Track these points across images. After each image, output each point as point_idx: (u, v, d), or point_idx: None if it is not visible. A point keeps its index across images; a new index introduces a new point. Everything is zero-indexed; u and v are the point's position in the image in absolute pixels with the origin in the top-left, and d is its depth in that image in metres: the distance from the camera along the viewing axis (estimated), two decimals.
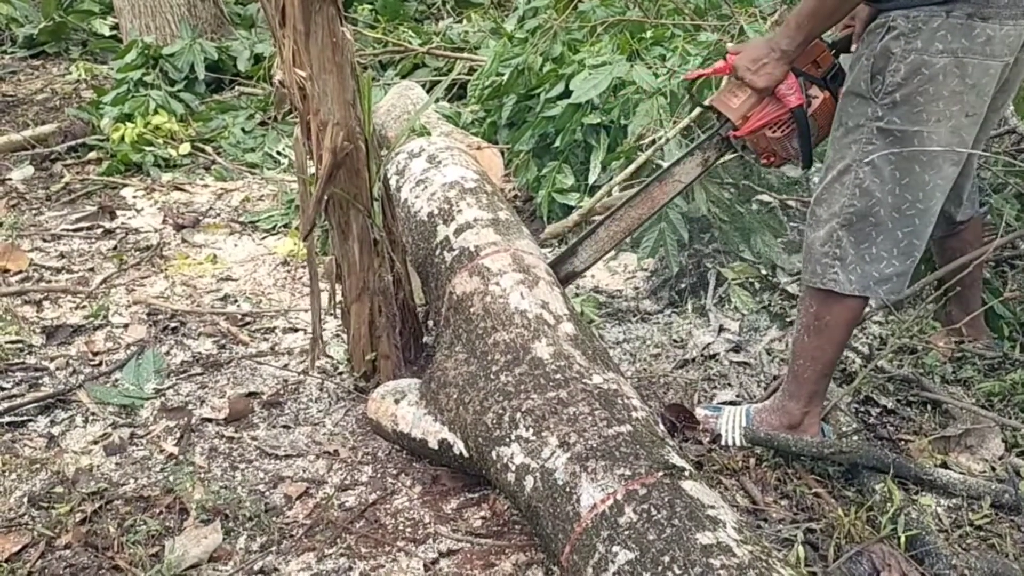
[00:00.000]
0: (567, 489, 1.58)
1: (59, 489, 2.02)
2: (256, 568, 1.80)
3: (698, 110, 2.57)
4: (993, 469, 2.07)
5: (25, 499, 1.99)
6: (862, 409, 2.28)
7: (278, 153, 4.28)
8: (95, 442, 2.21)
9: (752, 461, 2.06)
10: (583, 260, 2.41)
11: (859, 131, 1.84)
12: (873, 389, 2.32)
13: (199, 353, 2.63)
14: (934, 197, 1.83)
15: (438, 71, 4.77)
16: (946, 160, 1.80)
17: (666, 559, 1.38)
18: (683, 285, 2.88)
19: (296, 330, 2.76)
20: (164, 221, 3.58)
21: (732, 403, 2.30)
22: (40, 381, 2.48)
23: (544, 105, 3.39)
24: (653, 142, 2.99)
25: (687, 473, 1.59)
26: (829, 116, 2.06)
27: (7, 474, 2.07)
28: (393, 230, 2.25)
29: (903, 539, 1.78)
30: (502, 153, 3.57)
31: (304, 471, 2.10)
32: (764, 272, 2.83)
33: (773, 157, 2.12)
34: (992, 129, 2.26)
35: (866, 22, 2.02)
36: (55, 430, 2.26)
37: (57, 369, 2.53)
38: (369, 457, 2.15)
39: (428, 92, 4.00)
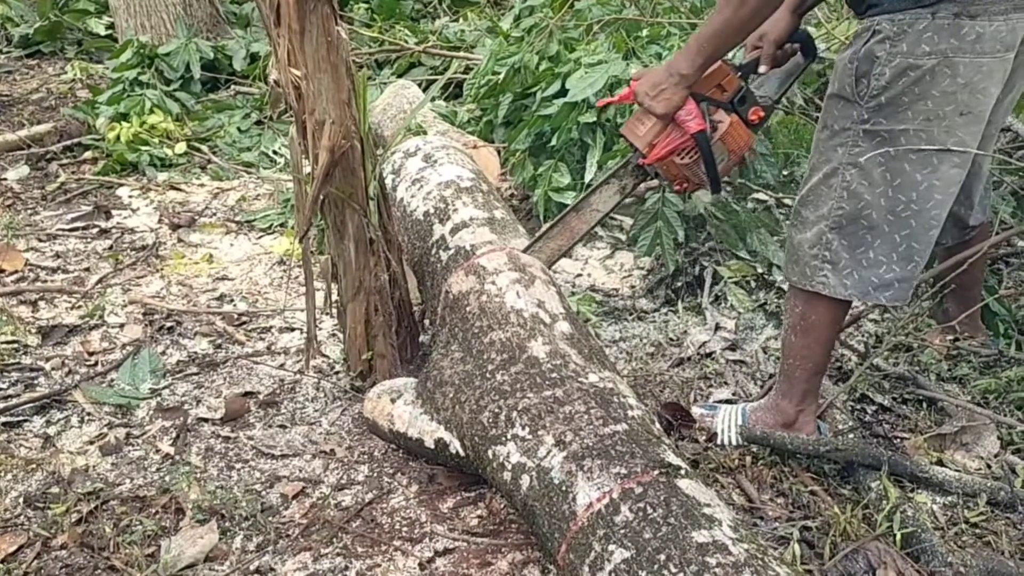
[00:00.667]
0: (563, 488, 1.58)
1: (55, 489, 2.02)
2: (252, 568, 1.80)
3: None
4: (989, 467, 2.07)
5: (21, 499, 1.99)
6: (858, 407, 2.28)
7: (274, 152, 4.27)
8: (91, 442, 2.20)
9: (748, 459, 2.06)
10: None
11: (845, 134, 1.82)
12: (869, 387, 2.32)
13: (195, 353, 2.63)
14: (931, 199, 1.79)
15: (434, 70, 4.76)
16: (943, 161, 1.76)
17: (662, 557, 1.38)
18: (679, 284, 2.88)
19: (292, 329, 2.76)
20: (160, 221, 3.57)
21: (728, 401, 2.30)
22: (36, 381, 2.47)
23: (540, 104, 3.38)
24: None
25: (683, 471, 1.59)
26: (738, 141, 2.03)
27: (3, 474, 2.07)
28: (389, 229, 2.25)
29: (899, 537, 1.79)
30: (498, 152, 3.57)
31: (300, 471, 2.10)
32: (760, 270, 2.83)
33: (685, 183, 2.10)
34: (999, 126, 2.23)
35: (776, 43, 2.01)
36: (51, 430, 2.26)
37: (53, 369, 2.53)
38: (365, 456, 2.15)
39: (424, 91, 4.00)
